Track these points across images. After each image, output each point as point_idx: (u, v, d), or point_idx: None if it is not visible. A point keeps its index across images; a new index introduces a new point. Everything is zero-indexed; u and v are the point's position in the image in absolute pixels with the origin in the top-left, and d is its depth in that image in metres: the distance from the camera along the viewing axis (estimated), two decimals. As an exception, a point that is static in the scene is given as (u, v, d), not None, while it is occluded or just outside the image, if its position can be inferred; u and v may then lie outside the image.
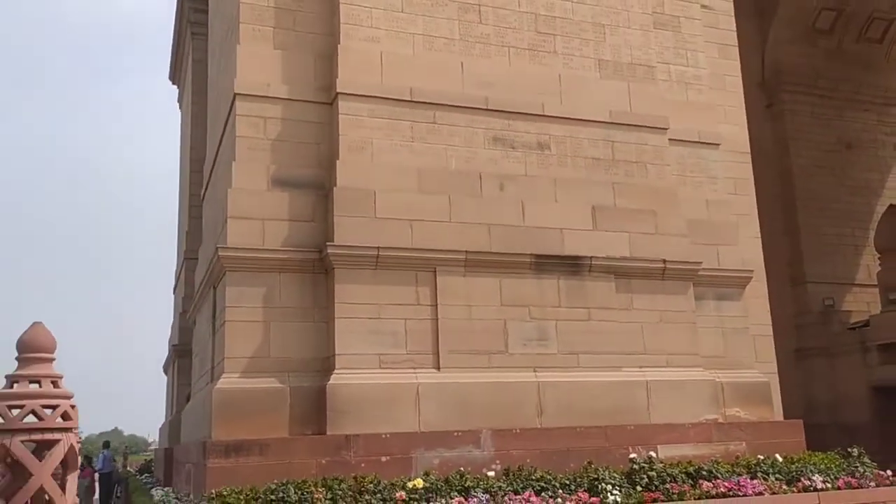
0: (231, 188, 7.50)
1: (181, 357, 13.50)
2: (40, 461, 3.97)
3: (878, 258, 15.48)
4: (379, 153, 7.85)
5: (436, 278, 7.63)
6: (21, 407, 4.06)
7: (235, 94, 7.74)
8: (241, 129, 7.69)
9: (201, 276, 9.35)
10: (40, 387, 4.16)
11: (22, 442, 3.98)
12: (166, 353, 16.70)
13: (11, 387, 4.15)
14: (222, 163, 8.73)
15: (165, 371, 17.15)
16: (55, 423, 4.08)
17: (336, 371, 7.13)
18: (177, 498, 7.80)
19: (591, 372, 7.95)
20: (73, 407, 4.20)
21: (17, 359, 4.30)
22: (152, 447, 32.24)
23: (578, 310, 8.09)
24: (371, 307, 7.40)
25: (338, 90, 7.84)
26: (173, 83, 17.70)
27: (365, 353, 7.26)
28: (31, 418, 4.06)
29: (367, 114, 7.89)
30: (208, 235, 9.66)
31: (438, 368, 7.43)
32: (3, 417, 4.01)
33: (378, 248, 7.45)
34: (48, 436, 4.03)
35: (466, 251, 7.73)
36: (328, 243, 7.37)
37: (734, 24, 10.63)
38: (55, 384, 4.22)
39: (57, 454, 4.01)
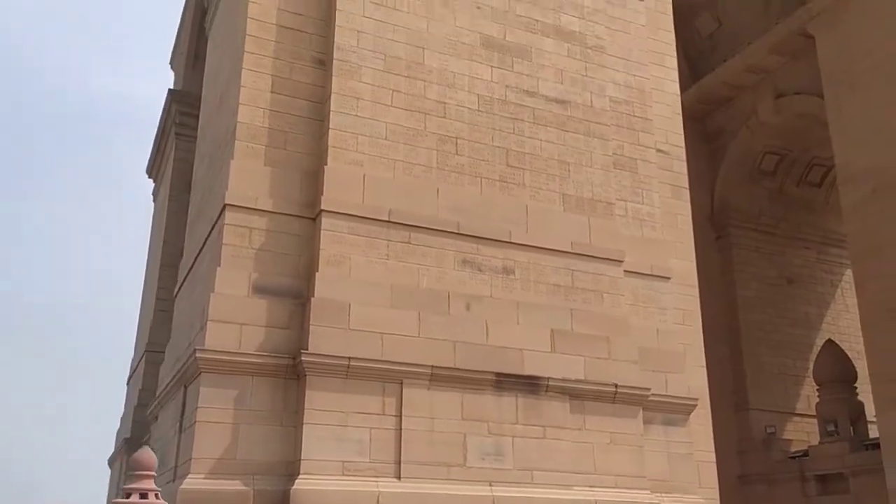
0: (213, 293, 7.90)
1: (133, 450, 13.38)
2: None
3: (817, 390, 16.25)
4: (356, 268, 8.37)
5: (402, 390, 8.03)
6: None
7: (225, 205, 8.26)
8: (228, 238, 8.17)
9: (170, 373, 9.58)
10: (148, 499, 6.16)
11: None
12: (113, 446, 16.47)
13: (128, 496, 6.12)
14: (204, 265, 9.14)
15: (110, 465, 16.83)
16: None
17: (300, 476, 7.38)
18: None
19: (544, 489, 8.29)
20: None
21: (127, 473, 6.32)
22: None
23: (534, 427, 8.51)
24: (339, 415, 7.74)
25: (321, 207, 8.41)
26: (150, 177, 18.20)
27: (330, 460, 7.54)
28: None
29: (346, 231, 8.45)
30: (180, 333, 9.94)
31: (399, 478, 7.72)
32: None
33: (349, 358, 7.86)
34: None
35: (432, 366, 8.17)
36: (303, 351, 7.75)
37: (685, 168, 11.61)
38: (157, 496, 6.26)
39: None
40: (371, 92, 8.98)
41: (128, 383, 16.67)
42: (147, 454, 6.37)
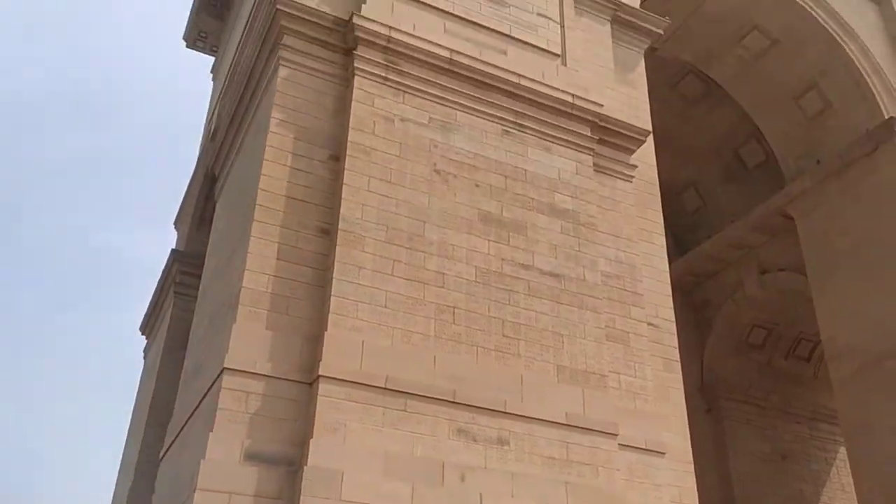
0: (204, 460, 7.78)
1: None
2: None
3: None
4: (350, 435, 8.30)
5: (392, 567, 7.74)
6: None
7: (224, 369, 8.31)
8: (224, 402, 8.15)
9: (150, 541, 9.23)
10: None
11: None
12: None
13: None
14: (196, 428, 9.05)
15: None
16: None
17: None
18: None
19: None
20: None
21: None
22: None
23: None
24: (325, 593, 7.42)
25: (320, 373, 8.47)
26: (143, 334, 18.23)
27: None
28: None
29: (343, 397, 8.46)
30: (164, 501, 9.66)
31: None
32: None
33: (340, 531, 7.64)
34: None
35: (424, 541, 7.93)
36: (292, 523, 7.55)
37: (676, 342, 11.81)
38: None
39: None
40: (373, 261, 9.30)
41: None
42: None
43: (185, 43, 20.99)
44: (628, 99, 13.17)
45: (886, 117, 15.73)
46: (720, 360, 19.86)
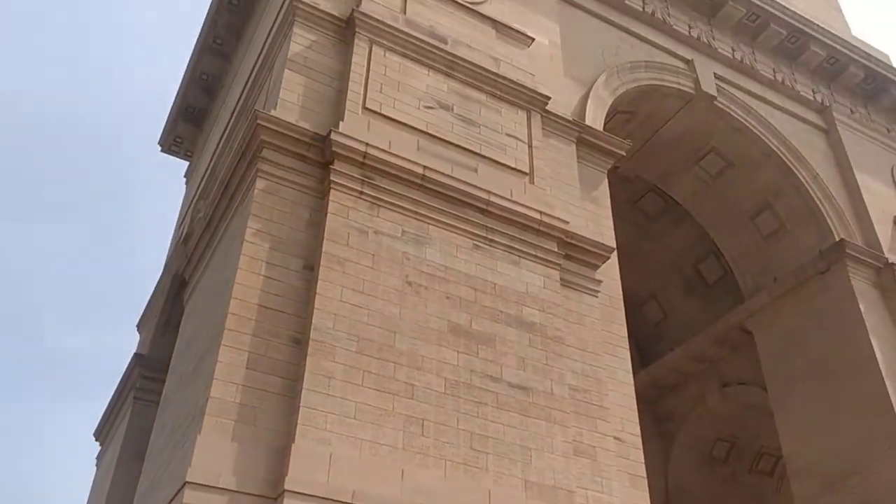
0: (163, 577, 7.51)
1: None
2: None
3: None
4: (314, 553, 8.08)
5: None
6: None
7: (186, 483, 8.10)
8: (186, 518, 7.92)
9: None
10: None
11: None
12: None
13: None
14: (152, 544, 8.73)
15: None
16: None
17: None
18: None
19: None
20: None
21: None
22: None
23: None
24: None
25: (285, 487, 8.29)
26: (97, 440, 17.67)
27: None
28: None
29: (308, 512, 8.28)
30: None
31: None
32: None
33: None
34: None
35: None
36: None
37: (643, 457, 11.82)
38: None
39: None
40: (343, 372, 9.30)
41: None
42: None
43: (160, 147, 21.35)
44: (593, 216, 13.65)
45: (837, 239, 16.44)
46: (685, 473, 19.79)
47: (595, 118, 14.99)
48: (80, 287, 51.33)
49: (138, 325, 18.24)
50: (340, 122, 11.05)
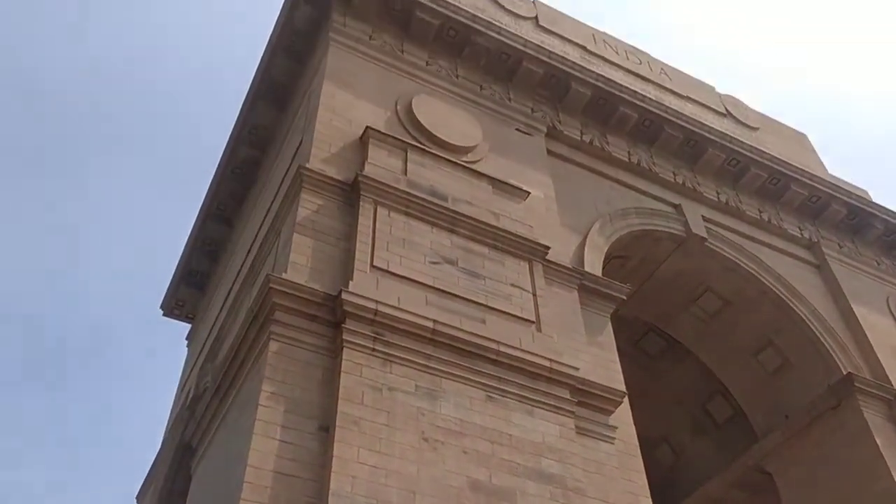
0: None
1: None
2: None
3: None
4: None
5: None
6: None
7: None
8: None
9: None
10: None
11: None
12: None
13: None
14: None
15: None
16: None
17: None
18: None
19: None
20: None
21: None
22: None
23: None
24: None
25: None
26: None
27: None
28: None
29: None
30: None
31: None
32: None
33: None
34: None
35: None
36: None
37: None
38: None
39: None
40: (364, 537, 8.99)
41: None
42: None
43: (161, 311, 21.48)
44: (601, 361, 13.68)
45: (845, 373, 16.43)
46: None
47: (593, 264, 15.34)
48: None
49: (138, 497, 17.63)
50: (350, 282, 11.27)
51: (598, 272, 15.33)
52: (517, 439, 10.93)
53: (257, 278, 13.15)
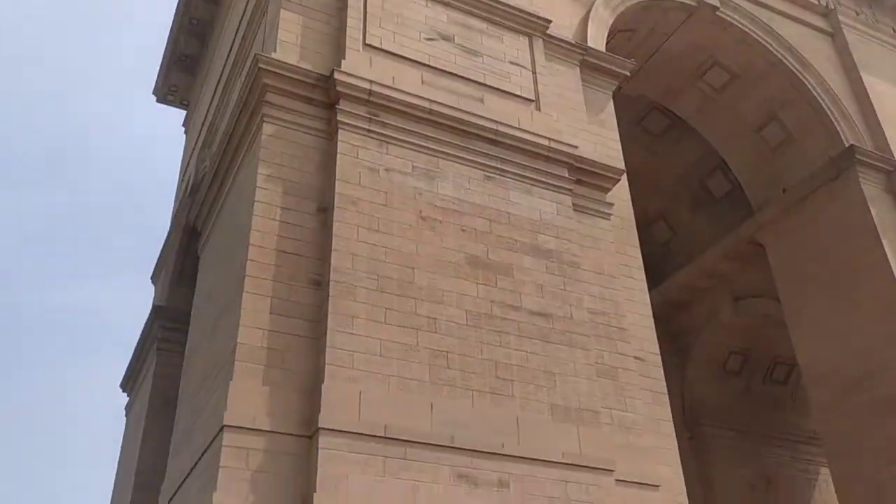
0: (209, 522, 7.75)
1: None
2: None
3: None
4: (353, 488, 8.30)
5: None
6: None
7: (224, 426, 8.30)
8: (226, 460, 8.13)
9: None
10: None
11: None
12: None
13: None
14: (194, 490, 8.99)
15: None
16: None
17: None
18: None
19: None
20: None
21: None
22: None
23: None
24: None
25: (319, 425, 8.49)
26: (124, 391, 17.98)
27: None
28: None
29: (345, 448, 8.48)
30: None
31: None
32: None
33: (349, 584, 7.62)
34: None
35: (433, 590, 7.93)
36: (301, 579, 7.51)
37: (662, 374, 12.02)
38: None
39: None
40: (366, 311, 9.40)
41: None
42: None
43: (155, 97, 21.07)
44: (601, 139, 13.54)
45: (847, 145, 16.31)
46: (700, 387, 20.13)
47: (597, 39, 14.72)
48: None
49: (153, 277, 18.35)
50: (342, 61, 10.88)
51: (602, 47, 14.74)
52: (515, 217, 11.09)
53: (247, 60, 12.70)
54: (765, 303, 18.49)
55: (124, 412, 17.86)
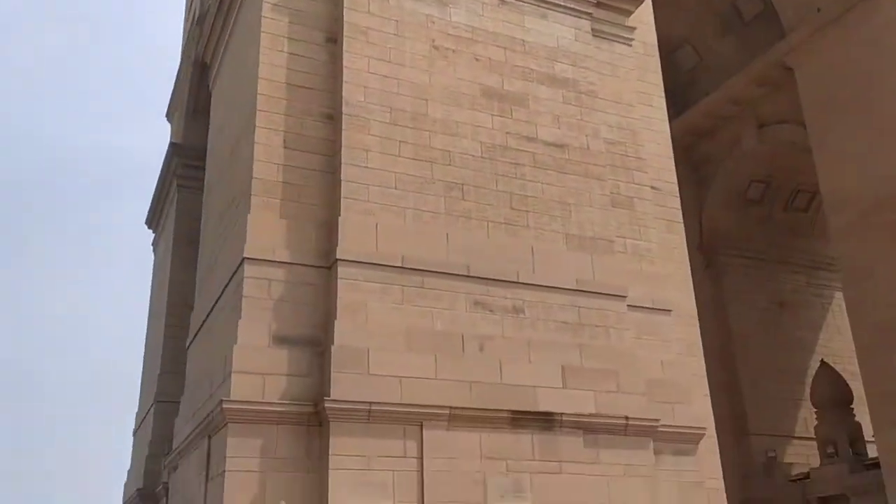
0: (237, 345, 8.15)
1: (146, 501, 13.49)
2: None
3: (815, 412, 16.56)
4: (372, 314, 8.64)
5: (422, 432, 8.26)
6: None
7: (245, 259, 8.54)
8: (248, 290, 8.44)
9: (190, 424, 9.76)
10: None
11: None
12: (122, 499, 16.50)
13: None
14: (222, 317, 9.39)
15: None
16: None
17: (329, 521, 7.57)
18: None
19: (563, 523, 8.52)
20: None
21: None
22: None
23: (551, 463, 8.75)
24: (362, 459, 7.96)
25: (337, 256, 8.70)
26: (149, 227, 18.44)
27: (356, 504, 7.74)
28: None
29: (362, 278, 8.74)
30: (197, 384, 10.13)
31: (423, 520, 7.93)
32: None
33: (370, 403, 8.10)
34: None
35: (450, 407, 8.42)
36: (325, 398, 7.99)
37: (679, 203, 12.01)
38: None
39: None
40: (379, 144, 9.35)
41: (134, 434, 16.73)
42: None
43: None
44: (624, -44, 12.74)
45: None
46: (719, 215, 20.15)
47: None
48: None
49: (167, 114, 18.25)
50: None
51: None
52: (530, 45, 10.71)
53: None
54: (790, 129, 18.04)
55: (152, 248, 18.41)
